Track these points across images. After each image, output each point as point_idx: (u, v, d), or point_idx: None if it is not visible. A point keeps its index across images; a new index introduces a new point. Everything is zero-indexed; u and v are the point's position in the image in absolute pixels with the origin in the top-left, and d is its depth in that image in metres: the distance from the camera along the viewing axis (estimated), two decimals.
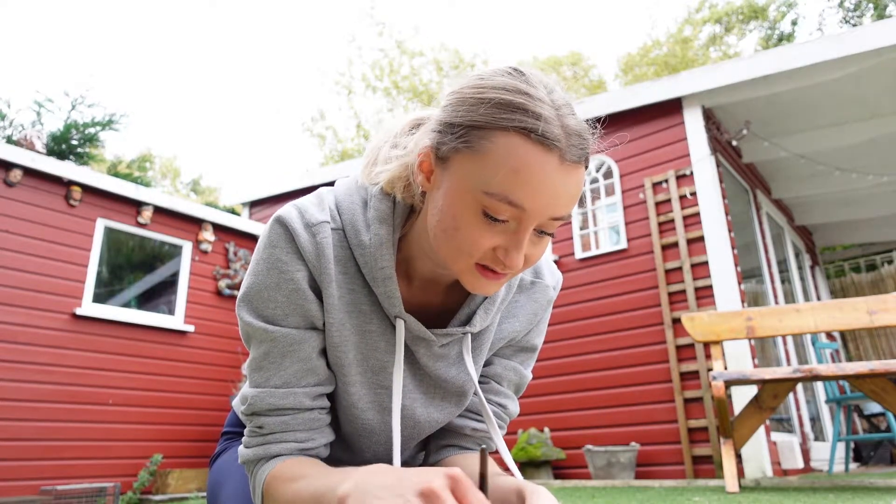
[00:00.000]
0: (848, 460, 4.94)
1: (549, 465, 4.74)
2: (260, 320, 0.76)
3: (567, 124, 0.65)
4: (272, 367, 0.76)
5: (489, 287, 0.71)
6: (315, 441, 0.79)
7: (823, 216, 7.56)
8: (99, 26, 37.27)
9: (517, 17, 32.75)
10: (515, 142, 0.63)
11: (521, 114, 0.63)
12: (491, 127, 0.64)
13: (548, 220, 0.67)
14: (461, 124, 0.66)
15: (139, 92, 35.78)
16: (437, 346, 0.81)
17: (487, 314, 0.82)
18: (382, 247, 0.76)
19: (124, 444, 5.19)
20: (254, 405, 0.77)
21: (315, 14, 33.82)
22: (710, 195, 4.78)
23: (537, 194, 0.63)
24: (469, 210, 0.66)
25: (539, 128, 0.63)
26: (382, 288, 0.76)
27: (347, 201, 0.80)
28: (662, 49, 18.50)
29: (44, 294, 4.99)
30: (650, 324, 4.82)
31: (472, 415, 0.91)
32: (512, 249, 0.67)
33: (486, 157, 0.64)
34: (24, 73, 32.01)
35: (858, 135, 5.53)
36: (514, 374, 0.92)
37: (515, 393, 0.95)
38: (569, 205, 0.67)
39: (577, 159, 0.65)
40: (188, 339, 5.86)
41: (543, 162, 0.63)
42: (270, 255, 0.75)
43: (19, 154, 5.02)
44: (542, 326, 0.93)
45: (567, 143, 0.64)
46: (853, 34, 4.46)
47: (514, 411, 0.94)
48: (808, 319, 3.22)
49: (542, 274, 0.90)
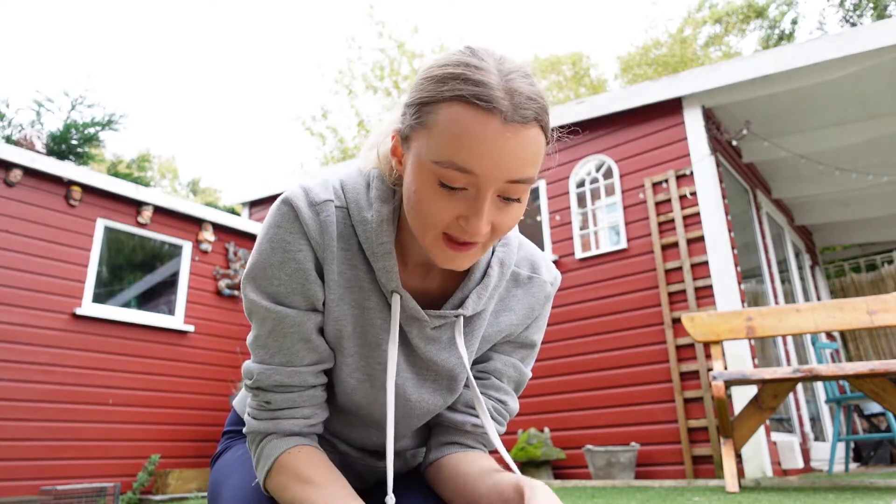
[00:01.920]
0: (848, 460, 4.94)
1: (549, 465, 4.74)
2: (264, 298, 0.79)
3: (513, 87, 0.66)
4: (276, 345, 0.79)
5: (459, 260, 0.72)
6: (318, 417, 0.83)
7: (823, 216, 7.56)
8: (99, 26, 37.28)
9: (517, 17, 32.75)
10: (456, 109, 0.65)
11: (461, 83, 0.65)
12: (435, 100, 0.67)
13: (506, 184, 0.67)
14: (414, 103, 0.70)
15: (139, 92, 35.79)
16: (429, 327, 0.83)
17: (480, 298, 0.84)
18: (384, 223, 0.78)
19: (124, 444, 5.19)
20: (260, 381, 0.80)
21: (315, 14, 33.82)
22: (710, 195, 4.78)
23: (482, 156, 0.64)
24: (427, 183, 0.68)
25: (477, 92, 0.64)
26: (381, 263, 0.79)
27: (352, 182, 0.83)
28: (662, 49, 18.50)
29: (44, 294, 4.99)
30: (650, 324, 4.82)
31: (472, 411, 0.92)
32: (472, 216, 0.68)
33: (433, 129, 0.67)
34: (24, 73, 32.01)
35: (858, 135, 5.53)
36: (513, 370, 0.92)
37: (515, 390, 0.95)
38: (523, 167, 0.67)
39: (523, 119, 0.66)
40: (188, 339, 5.86)
41: (484, 124, 0.64)
42: (276, 234, 0.78)
43: (19, 154, 5.02)
44: (540, 323, 0.94)
45: (511, 103, 0.65)
46: (853, 34, 4.46)
47: (514, 408, 0.95)
48: (808, 319, 3.22)
49: (540, 270, 0.91)
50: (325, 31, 34.16)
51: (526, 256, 0.91)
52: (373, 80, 19.19)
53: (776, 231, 6.62)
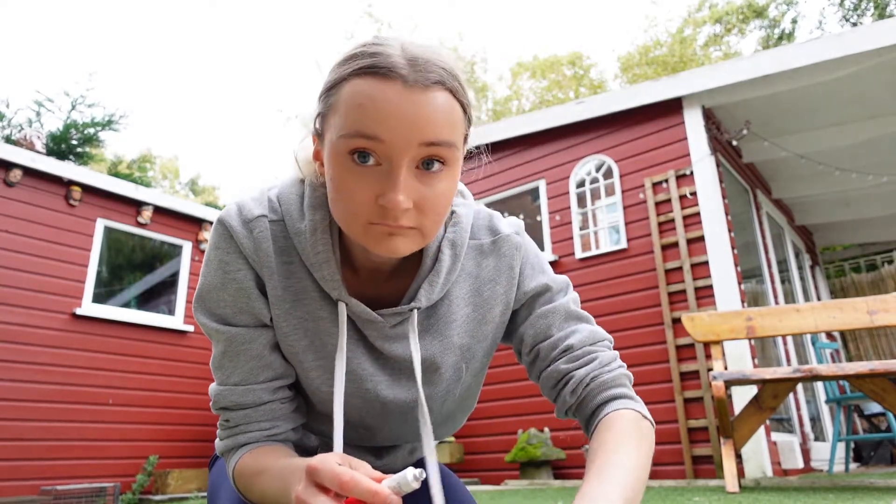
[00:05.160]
0: (848, 460, 4.94)
1: (549, 465, 4.74)
2: (212, 320, 0.79)
3: (413, 54, 0.65)
4: (230, 364, 0.80)
5: (393, 243, 0.68)
6: (280, 427, 0.82)
7: (823, 216, 7.56)
8: (99, 26, 37.29)
9: (517, 17, 32.76)
10: (356, 82, 0.65)
11: (360, 59, 0.66)
12: (337, 82, 0.67)
13: (419, 148, 0.64)
14: (320, 94, 0.70)
15: (139, 92, 35.79)
16: (387, 327, 0.81)
17: (433, 286, 0.80)
18: (317, 231, 0.77)
19: (124, 444, 5.19)
20: (218, 401, 0.81)
21: (314, 13, 33.83)
22: (710, 195, 4.78)
23: (387, 119, 0.63)
24: (340, 164, 0.66)
25: (375, 62, 0.64)
26: (321, 272, 0.77)
27: (287, 192, 0.81)
28: (662, 49, 18.50)
29: (44, 294, 4.99)
30: (650, 324, 4.82)
31: (556, 380, 0.83)
32: (389, 190, 0.64)
33: (338, 108, 0.66)
34: (24, 73, 32.01)
35: (858, 135, 5.53)
36: (543, 320, 0.84)
37: (576, 320, 0.85)
38: (432, 128, 0.64)
39: (426, 81, 0.64)
40: (188, 339, 5.86)
41: (385, 89, 0.64)
42: (214, 255, 0.78)
43: (19, 154, 5.02)
44: (528, 270, 0.87)
45: (411, 68, 0.64)
46: (853, 34, 4.46)
47: (587, 337, 0.84)
48: (808, 319, 3.22)
49: (499, 229, 0.87)
50: (324, 30, 34.18)
51: (482, 225, 0.87)
52: None
53: (776, 231, 6.62)
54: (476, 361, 0.88)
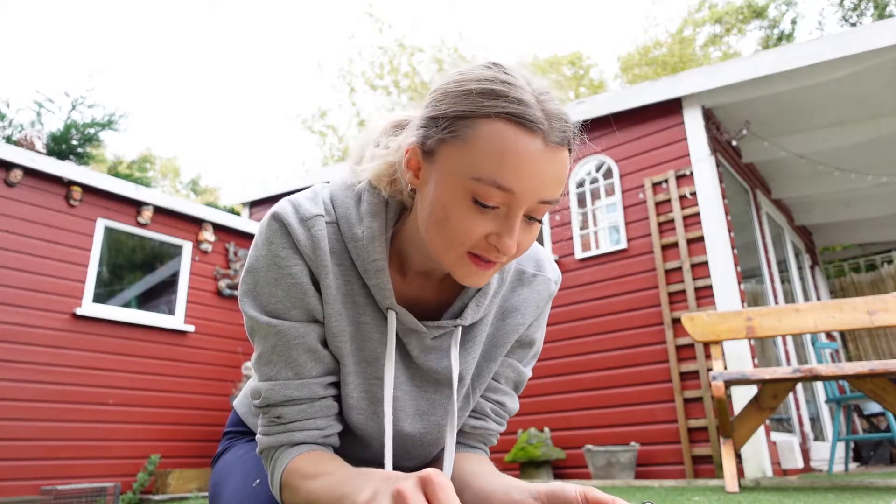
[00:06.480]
0: (848, 460, 4.94)
1: (548, 464, 4.74)
2: (264, 315, 0.78)
3: (548, 108, 0.67)
4: (281, 359, 0.78)
5: (480, 277, 0.72)
6: (333, 428, 0.82)
7: (823, 216, 7.56)
8: (99, 26, 37.29)
9: (517, 17, 32.75)
10: (500, 127, 0.65)
11: (504, 100, 0.65)
12: (475, 115, 0.66)
13: (536, 205, 0.68)
14: (446, 116, 0.68)
15: (139, 92, 35.79)
16: (429, 338, 0.82)
17: (479, 307, 0.83)
18: (375, 240, 0.77)
19: (124, 444, 5.19)
20: (269, 398, 0.79)
21: (314, 12, 33.83)
22: (710, 195, 4.78)
23: (524, 176, 0.65)
24: (459, 199, 0.67)
25: (522, 112, 0.65)
26: (374, 280, 0.78)
27: (342, 196, 0.82)
28: (662, 49, 18.50)
29: (44, 294, 4.99)
30: (650, 324, 4.82)
31: (472, 412, 0.92)
32: (504, 234, 0.68)
33: (472, 144, 0.66)
34: (24, 73, 32.02)
35: (858, 135, 5.53)
36: (511, 370, 0.92)
37: (514, 390, 0.95)
38: (556, 188, 0.68)
39: (560, 141, 0.67)
40: (188, 339, 5.87)
41: (528, 144, 0.65)
42: (268, 251, 0.77)
43: (19, 154, 5.02)
44: (541, 321, 0.93)
45: (549, 125, 0.66)
46: (853, 34, 4.46)
47: (512, 408, 0.95)
48: (808, 319, 3.22)
49: (545, 268, 0.91)
50: (324, 29, 34.19)
51: (531, 255, 0.91)
52: (373, 78, 19.20)
53: (776, 231, 6.62)
54: (483, 380, 0.90)
